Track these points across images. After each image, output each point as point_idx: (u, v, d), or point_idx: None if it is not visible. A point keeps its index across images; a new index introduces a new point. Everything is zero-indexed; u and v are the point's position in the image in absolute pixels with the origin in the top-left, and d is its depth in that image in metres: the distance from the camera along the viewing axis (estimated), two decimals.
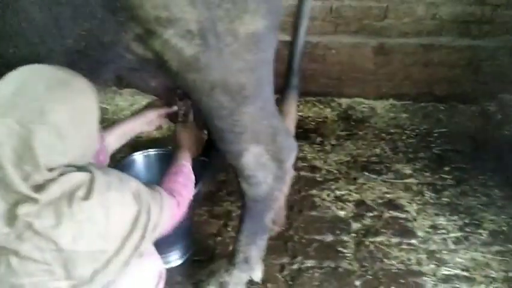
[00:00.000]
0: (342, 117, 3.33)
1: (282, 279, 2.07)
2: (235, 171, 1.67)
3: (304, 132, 3.13)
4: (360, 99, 3.50)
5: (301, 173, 2.73)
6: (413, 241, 2.27)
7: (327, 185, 2.65)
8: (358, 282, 2.05)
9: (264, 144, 1.58)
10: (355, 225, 2.37)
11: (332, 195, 2.58)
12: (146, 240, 1.28)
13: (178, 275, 2.07)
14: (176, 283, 2.03)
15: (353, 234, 2.31)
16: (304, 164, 2.82)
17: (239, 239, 1.86)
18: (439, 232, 2.33)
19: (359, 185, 2.66)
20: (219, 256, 2.14)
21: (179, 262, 2.14)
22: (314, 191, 2.60)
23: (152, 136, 2.98)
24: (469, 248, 2.23)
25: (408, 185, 2.66)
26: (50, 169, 1.12)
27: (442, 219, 2.41)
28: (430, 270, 2.11)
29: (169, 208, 1.40)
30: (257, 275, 1.97)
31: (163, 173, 1.59)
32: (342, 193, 2.59)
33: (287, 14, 1.67)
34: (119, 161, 2.10)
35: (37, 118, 1.08)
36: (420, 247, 2.24)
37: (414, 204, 2.51)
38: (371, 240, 2.27)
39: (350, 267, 2.13)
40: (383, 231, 2.33)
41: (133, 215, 1.25)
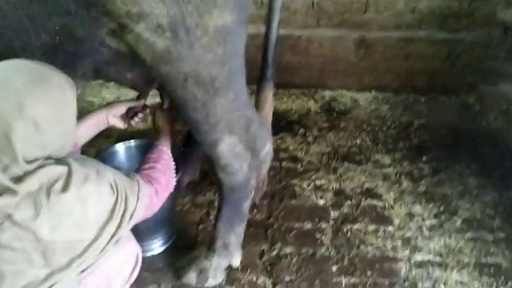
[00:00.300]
0: (325, 109, 3.37)
1: (261, 265, 2.13)
2: (211, 160, 1.73)
3: (287, 124, 3.18)
4: (343, 91, 3.54)
5: (282, 163, 2.79)
6: (390, 228, 2.33)
7: (308, 175, 2.70)
8: (334, 268, 2.11)
9: (237, 134, 1.63)
10: (333, 213, 2.42)
11: (312, 184, 2.63)
12: (122, 228, 1.33)
13: (159, 262, 2.12)
14: (158, 270, 2.08)
15: (331, 222, 2.37)
16: (286, 155, 2.87)
17: (218, 226, 1.92)
18: (415, 220, 2.38)
19: (338, 174, 2.71)
20: (201, 244, 2.19)
21: (161, 250, 2.18)
22: (295, 181, 2.65)
23: (137, 128, 2.99)
24: (443, 235, 2.28)
25: (386, 174, 2.71)
26: (28, 161, 1.15)
27: (418, 207, 2.47)
28: (405, 256, 2.17)
29: (147, 197, 1.44)
30: (236, 261, 2.02)
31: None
32: (322, 183, 2.64)
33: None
34: (101, 152, 2.14)
35: (16, 113, 1.11)
36: (396, 234, 2.29)
37: (391, 192, 2.57)
38: (349, 227, 2.33)
39: (327, 253, 2.19)
40: (360, 218, 2.38)
41: (110, 206, 1.29)
